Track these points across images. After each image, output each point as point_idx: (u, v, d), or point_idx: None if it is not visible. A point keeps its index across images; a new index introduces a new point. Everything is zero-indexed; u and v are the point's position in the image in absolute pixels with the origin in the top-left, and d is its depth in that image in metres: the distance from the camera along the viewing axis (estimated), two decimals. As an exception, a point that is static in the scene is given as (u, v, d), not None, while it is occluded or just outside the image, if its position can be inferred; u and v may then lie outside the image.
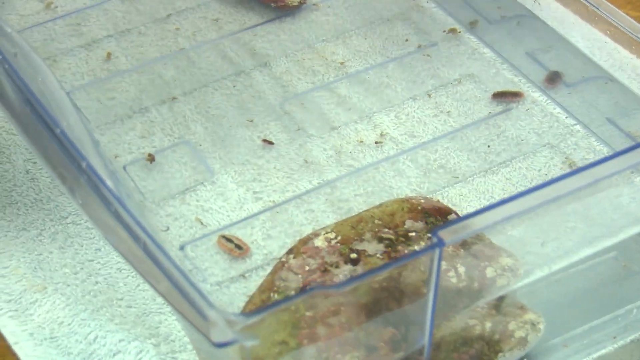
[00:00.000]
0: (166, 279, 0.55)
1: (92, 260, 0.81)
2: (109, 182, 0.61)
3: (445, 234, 0.59)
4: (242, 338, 0.54)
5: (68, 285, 0.79)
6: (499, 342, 0.72)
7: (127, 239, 0.57)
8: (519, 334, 0.72)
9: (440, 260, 0.59)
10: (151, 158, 0.88)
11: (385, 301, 0.69)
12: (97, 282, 0.79)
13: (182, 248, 0.81)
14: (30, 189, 0.87)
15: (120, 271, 0.80)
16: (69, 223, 0.84)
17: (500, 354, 0.72)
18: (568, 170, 0.87)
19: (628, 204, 0.72)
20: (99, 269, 0.81)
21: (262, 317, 0.55)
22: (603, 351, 0.75)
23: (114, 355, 0.75)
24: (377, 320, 0.66)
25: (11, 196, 0.86)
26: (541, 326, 0.73)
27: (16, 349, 0.76)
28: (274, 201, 0.85)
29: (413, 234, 0.74)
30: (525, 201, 0.60)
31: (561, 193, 0.61)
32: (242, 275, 0.79)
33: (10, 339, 0.76)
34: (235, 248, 0.80)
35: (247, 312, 0.54)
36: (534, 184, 0.86)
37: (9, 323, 0.77)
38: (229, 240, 0.80)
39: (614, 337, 0.76)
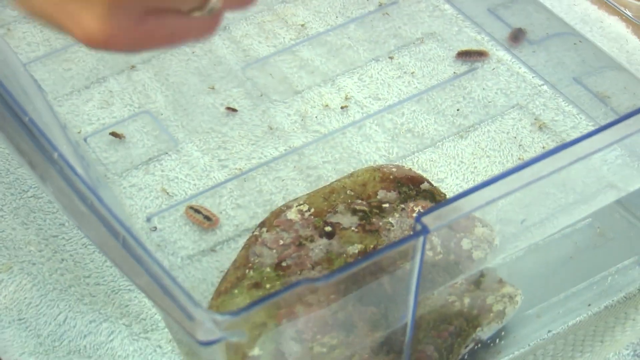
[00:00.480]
0: (147, 275, 0.54)
1: (57, 236, 0.79)
2: (81, 172, 0.59)
3: (430, 220, 0.57)
4: (228, 335, 0.53)
5: (34, 264, 0.77)
6: (477, 317, 0.71)
7: (105, 233, 0.55)
8: (497, 307, 0.72)
9: (424, 247, 0.58)
10: (117, 135, 0.86)
11: (362, 277, 0.68)
12: (63, 260, 0.77)
13: (148, 220, 0.79)
14: (-11, 164, 0.84)
15: (86, 247, 0.78)
16: (30, 197, 0.81)
17: (478, 329, 0.71)
18: (537, 132, 0.86)
19: (600, 167, 0.71)
20: (64, 245, 0.78)
21: (249, 314, 0.54)
22: (578, 319, 0.75)
23: (85, 336, 0.73)
24: (355, 298, 0.65)
25: (-34, 170, 0.83)
26: (518, 298, 0.72)
27: (-18, 330, 0.74)
28: (240, 169, 0.83)
29: (386, 205, 0.73)
30: (510, 182, 0.59)
31: (546, 172, 0.60)
32: (213, 249, 0.78)
33: (-24, 321, 0.74)
34: (204, 219, 0.78)
35: (232, 311, 0.53)
36: (503, 147, 0.85)
37: (-25, 304, 0.75)
38: (197, 211, 0.79)
39: (589, 305, 0.76)
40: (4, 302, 0.75)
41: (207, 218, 0.78)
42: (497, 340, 0.73)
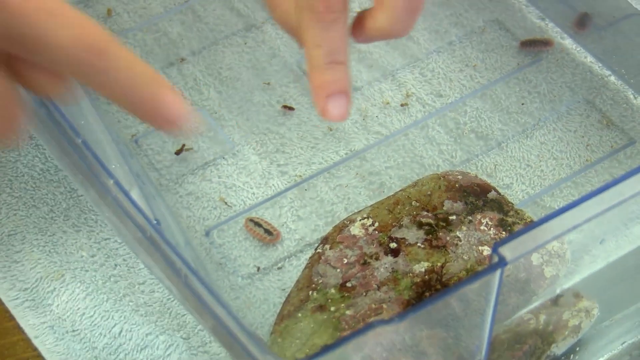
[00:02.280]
0: (213, 319, 0.51)
1: (109, 239, 0.77)
2: (140, 202, 0.56)
3: (508, 252, 0.54)
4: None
5: (86, 271, 0.75)
6: (552, 333, 0.69)
7: (166, 269, 0.53)
8: (573, 322, 0.69)
9: (501, 280, 0.55)
10: (181, 150, 0.83)
11: (428, 297, 0.66)
12: (116, 265, 0.75)
13: (207, 234, 0.77)
14: (36, 158, 0.82)
15: (139, 252, 0.76)
16: (81, 196, 0.79)
17: (553, 345, 0.69)
18: (605, 129, 0.83)
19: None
20: (117, 249, 0.76)
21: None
22: (652, 325, 0.72)
23: (142, 350, 0.71)
24: (422, 320, 0.63)
25: (17, 168, 0.81)
26: (595, 312, 0.70)
27: (37, 343, 0.72)
28: (300, 176, 0.80)
29: (453, 217, 0.70)
30: (593, 206, 0.56)
31: (631, 193, 0.57)
32: (275, 266, 0.75)
33: (29, 332, 0.72)
34: (265, 234, 0.75)
35: (303, 358, 0.51)
36: (570, 147, 0.81)
37: (28, 314, 0.73)
38: (257, 224, 0.76)
39: (666, 312, 0.73)
40: (57, 312, 0.73)
41: (268, 232, 0.76)
42: (572, 355, 0.70)
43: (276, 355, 0.51)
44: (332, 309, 0.66)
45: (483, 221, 0.70)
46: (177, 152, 0.81)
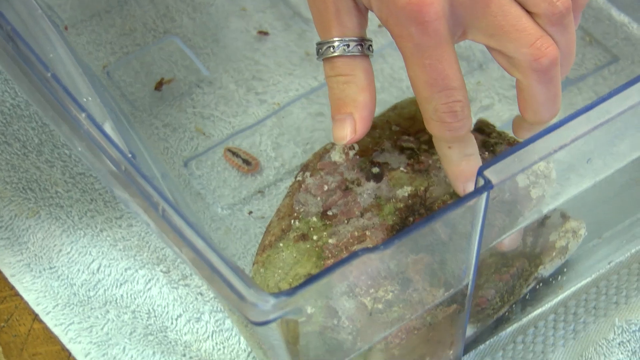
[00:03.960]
0: (192, 252, 0.50)
1: (84, 174, 0.75)
2: (113, 135, 0.54)
3: (493, 175, 0.52)
4: (283, 314, 0.49)
5: (62, 207, 0.73)
6: (539, 255, 0.67)
7: (143, 203, 0.51)
8: (560, 243, 0.68)
9: (487, 204, 0.53)
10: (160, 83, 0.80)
11: (413, 222, 0.64)
12: (92, 200, 0.74)
13: (185, 165, 0.75)
14: (5, 93, 0.79)
15: (115, 184, 0.74)
16: (53, 130, 0.77)
17: (540, 267, 0.68)
18: (588, 47, 0.81)
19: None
20: (93, 184, 0.75)
21: (304, 292, 0.50)
22: (641, 245, 0.71)
23: (121, 285, 0.70)
24: (407, 246, 0.61)
25: (-15, 100, 0.79)
26: (582, 232, 0.68)
27: (13, 281, 0.70)
28: (278, 103, 0.78)
29: (436, 140, 0.68)
30: (579, 125, 0.54)
31: (618, 111, 0.55)
32: (256, 193, 0.73)
33: (6, 271, 0.71)
34: (243, 164, 0.74)
35: (287, 291, 0.49)
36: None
37: (3, 253, 0.71)
38: (235, 154, 0.74)
39: (654, 230, 0.72)
40: (33, 250, 0.71)
41: (247, 162, 0.74)
42: (559, 276, 0.69)
43: (258, 287, 0.49)
44: (315, 237, 0.64)
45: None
46: (157, 87, 0.79)
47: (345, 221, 0.65)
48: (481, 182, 0.52)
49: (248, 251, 0.71)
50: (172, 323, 0.69)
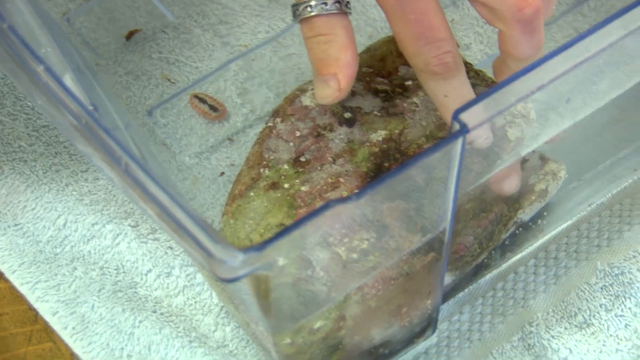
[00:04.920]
0: (157, 207, 0.47)
1: (47, 126, 0.72)
2: (74, 87, 0.52)
3: (469, 118, 0.50)
4: (253, 269, 0.47)
5: (25, 162, 0.70)
6: (518, 199, 0.65)
7: (105, 157, 0.49)
8: (540, 186, 0.66)
9: (463, 148, 0.51)
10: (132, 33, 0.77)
11: (387, 167, 0.62)
12: (57, 154, 0.71)
13: (150, 114, 0.72)
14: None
15: (81, 137, 0.71)
16: (13, 82, 0.74)
17: (520, 211, 0.66)
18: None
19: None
20: (57, 136, 0.72)
21: (274, 246, 0.48)
22: (624, 184, 0.69)
23: (88, 241, 0.67)
24: (382, 194, 0.59)
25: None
26: (562, 174, 0.67)
27: (-24, 239, 0.68)
28: (246, 46, 0.75)
29: (409, 82, 0.66)
30: (558, 65, 0.52)
31: (598, 48, 0.53)
32: (225, 141, 0.71)
33: (-32, 229, 0.68)
34: (210, 110, 0.71)
35: (257, 245, 0.46)
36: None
37: (-36, 211, 0.69)
38: (202, 100, 0.71)
39: (635, 170, 0.70)
40: (-4, 206, 0.69)
41: (213, 108, 0.71)
42: (539, 220, 0.67)
43: (226, 242, 0.47)
44: (286, 185, 0.62)
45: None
46: (128, 37, 0.76)
47: (318, 168, 0.62)
48: (456, 126, 0.50)
49: (217, 201, 0.68)
50: (141, 279, 0.66)
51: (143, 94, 0.73)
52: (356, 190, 0.61)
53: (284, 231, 0.48)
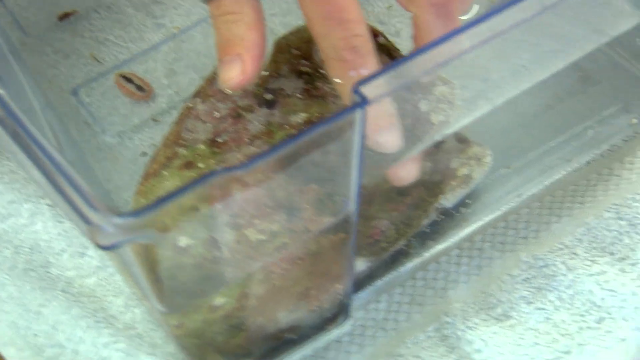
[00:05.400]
0: (36, 170, 0.46)
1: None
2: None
3: (369, 90, 0.49)
4: (133, 238, 0.45)
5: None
6: (439, 184, 0.63)
7: (9, 142, 0.47)
8: (463, 171, 0.64)
9: (363, 122, 0.49)
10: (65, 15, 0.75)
11: (304, 150, 0.60)
12: (-19, 133, 0.69)
13: (75, 93, 0.71)
14: None
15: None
16: None
17: (441, 196, 0.64)
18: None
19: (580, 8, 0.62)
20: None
21: (153, 214, 0.46)
22: (557, 176, 0.67)
23: (5, 219, 0.66)
24: (297, 176, 0.58)
25: None
26: (487, 159, 0.65)
27: None
28: (178, 27, 0.74)
29: (336, 65, 0.64)
30: (467, 38, 0.50)
31: (512, 22, 0.51)
32: (149, 121, 0.69)
33: None
34: (136, 90, 0.69)
35: (135, 211, 0.45)
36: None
37: None
38: (128, 80, 0.70)
39: (568, 161, 0.68)
40: None
41: (140, 88, 0.70)
42: (464, 208, 0.66)
43: (106, 208, 0.45)
44: (201, 165, 0.61)
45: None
46: (61, 18, 0.75)
47: (235, 149, 0.61)
48: (356, 98, 0.49)
49: (134, 181, 0.66)
50: (55, 258, 0.65)
51: (71, 73, 0.72)
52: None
53: (164, 198, 0.46)
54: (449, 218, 0.65)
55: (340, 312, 0.61)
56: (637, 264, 0.62)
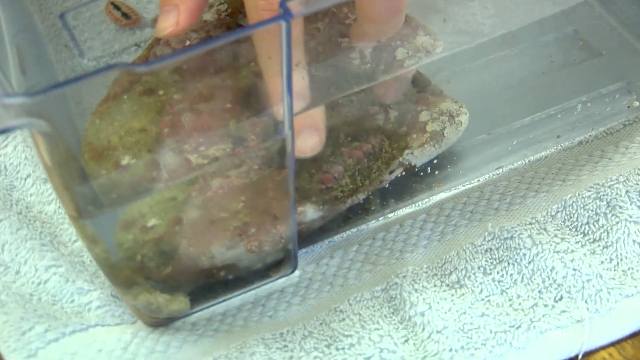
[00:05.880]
0: None
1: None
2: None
3: (295, 5, 0.46)
4: (20, 125, 0.44)
5: None
6: (405, 136, 0.60)
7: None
8: (433, 127, 0.60)
9: (289, 37, 0.47)
10: None
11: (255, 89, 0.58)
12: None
13: (62, 16, 0.69)
14: None
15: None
16: None
17: (407, 151, 0.60)
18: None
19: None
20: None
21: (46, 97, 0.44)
22: (543, 153, 0.63)
23: None
24: (253, 109, 0.55)
25: None
26: (463, 119, 0.61)
27: None
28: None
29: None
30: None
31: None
32: (130, 48, 0.68)
33: None
34: (121, 17, 0.68)
35: (29, 92, 0.43)
36: None
37: None
38: (117, 7, 0.68)
39: (558, 137, 0.64)
40: None
41: (126, 15, 0.68)
42: (434, 171, 0.62)
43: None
44: (161, 92, 0.58)
45: (350, 16, 0.62)
46: None
47: (198, 79, 0.58)
48: (281, 11, 0.47)
49: (100, 106, 0.65)
50: (20, 183, 0.63)
51: (64, -5, 0.71)
52: (228, 105, 0.57)
53: (61, 84, 0.45)
54: (417, 178, 0.61)
55: (285, 260, 0.58)
56: (610, 246, 0.57)
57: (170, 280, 0.56)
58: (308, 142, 0.54)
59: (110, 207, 0.52)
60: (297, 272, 0.59)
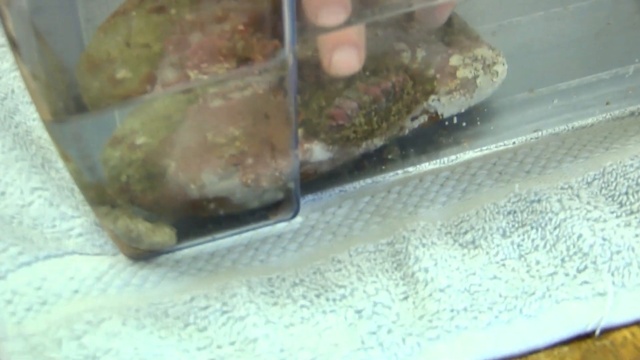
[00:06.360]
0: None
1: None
2: None
3: None
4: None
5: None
6: (432, 80, 0.54)
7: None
8: (464, 73, 0.54)
9: None
10: None
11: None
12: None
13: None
14: None
15: None
16: None
17: (432, 96, 0.54)
18: None
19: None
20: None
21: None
22: (589, 120, 0.57)
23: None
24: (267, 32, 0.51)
25: None
26: (500, 69, 0.55)
27: None
28: None
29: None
30: None
31: None
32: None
33: None
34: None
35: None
36: None
37: None
38: None
39: (607, 103, 0.57)
40: None
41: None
42: (463, 123, 0.56)
43: None
44: (173, 11, 0.54)
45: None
46: None
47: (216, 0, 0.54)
48: None
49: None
50: (25, 107, 0.61)
51: None
52: (240, 27, 0.52)
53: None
54: (444, 131, 0.56)
55: (285, 202, 0.53)
56: (648, 220, 0.51)
57: (156, 208, 0.52)
58: (345, 58, 0.49)
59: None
60: (299, 219, 0.54)
